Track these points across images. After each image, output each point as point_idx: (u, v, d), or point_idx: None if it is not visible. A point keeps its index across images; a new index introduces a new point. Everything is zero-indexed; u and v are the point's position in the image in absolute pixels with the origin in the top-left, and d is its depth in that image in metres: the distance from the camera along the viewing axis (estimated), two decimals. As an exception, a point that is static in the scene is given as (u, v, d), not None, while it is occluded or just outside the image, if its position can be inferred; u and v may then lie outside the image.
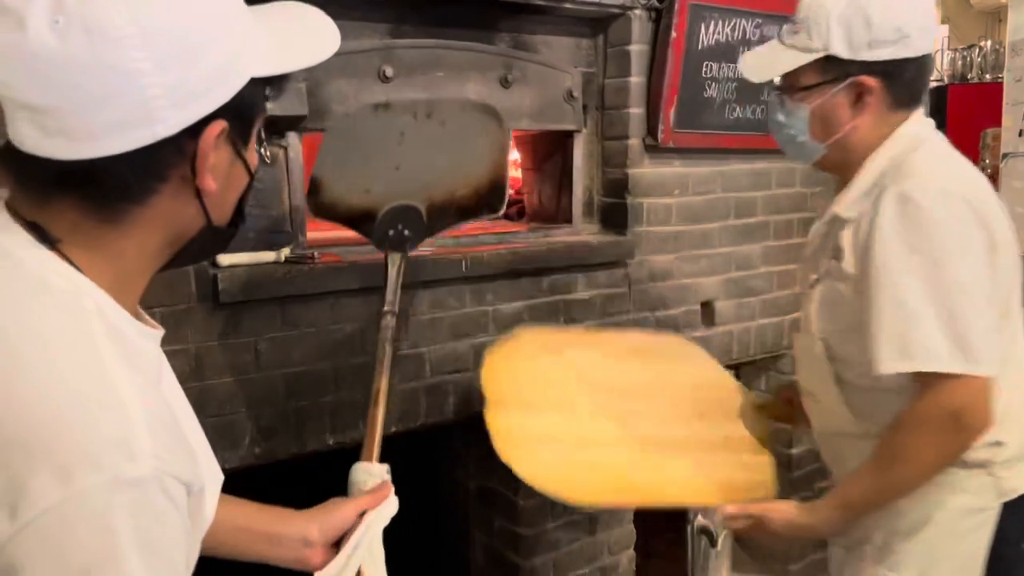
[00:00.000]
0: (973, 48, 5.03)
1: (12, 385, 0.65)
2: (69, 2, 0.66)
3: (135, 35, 0.67)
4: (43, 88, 0.67)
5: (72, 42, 0.66)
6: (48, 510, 0.61)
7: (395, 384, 1.93)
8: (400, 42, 1.96)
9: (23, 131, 0.69)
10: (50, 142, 0.69)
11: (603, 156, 2.30)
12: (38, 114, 0.68)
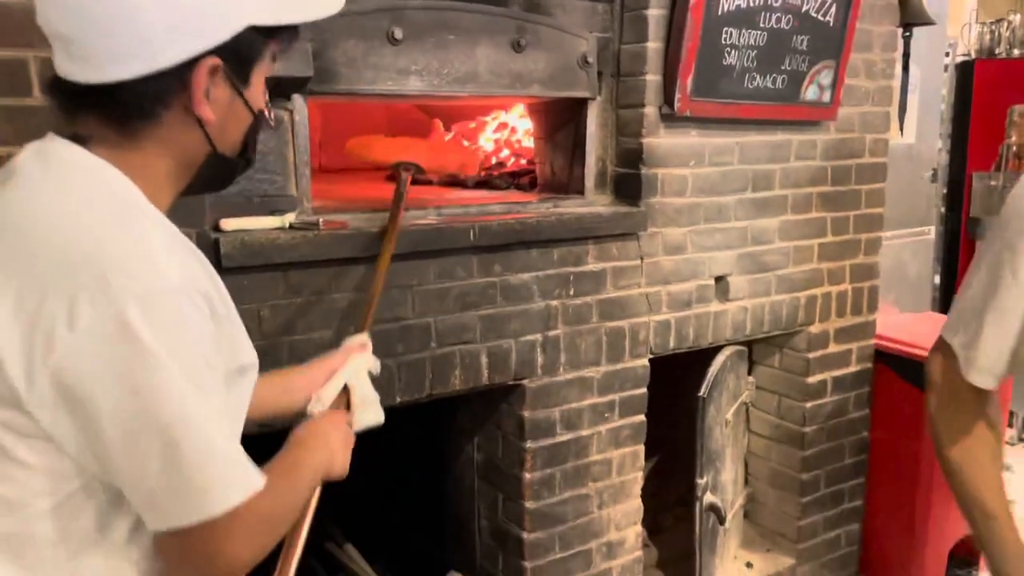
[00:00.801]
0: (1002, 22, 4.88)
1: (62, 223, 0.81)
2: None
3: None
4: (65, 18, 0.83)
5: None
6: (94, 319, 0.76)
7: (403, 354, 1.91)
8: (410, 3, 1.90)
9: (58, 58, 0.86)
10: (73, 66, 0.85)
11: (617, 125, 2.24)
12: (65, 42, 0.84)
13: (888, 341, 2.86)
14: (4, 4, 1.39)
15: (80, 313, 0.76)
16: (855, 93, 2.55)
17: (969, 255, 4.84)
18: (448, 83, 1.96)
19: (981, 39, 4.90)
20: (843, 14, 2.35)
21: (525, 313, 2.06)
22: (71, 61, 0.85)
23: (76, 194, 0.85)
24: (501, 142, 2.77)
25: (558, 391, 2.15)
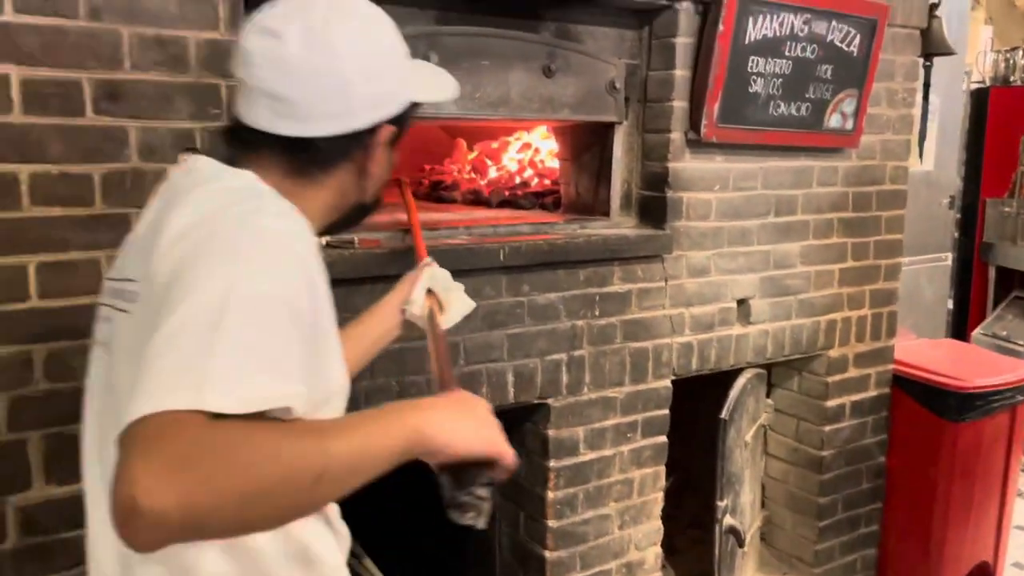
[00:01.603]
0: (1017, 50, 4.92)
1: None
2: (315, 25, 0.95)
3: (355, 56, 0.98)
4: (285, 81, 0.95)
5: (314, 53, 0.95)
6: None
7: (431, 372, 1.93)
8: (446, 28, 1.94)
9: (260, 112, 0.97)
10: (278, 120, 0.97)
11: (643, 149, 2.28)
12: (276, 102, 0.96)
13: (906, 367, 2.88)
14: (59, 27, 1.44)
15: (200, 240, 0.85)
16: (877, 121, 2.58)
17: (982, 280, 4.87)
18: (481, 106, 2.00)
19: (996, 67, 4.95)
20: (867, 44, 2.39)
21: (551, 332, 2.09)
22: (276, 116, 0.97)
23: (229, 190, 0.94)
24: (525, 162, 2.81)
25: (582, 410, 2.18)
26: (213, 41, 1.57)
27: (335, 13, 0.98)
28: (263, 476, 0.69)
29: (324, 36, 0.95)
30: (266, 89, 0.96)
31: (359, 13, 1.02)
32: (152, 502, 0.63)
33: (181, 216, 0.86)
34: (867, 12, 2.37)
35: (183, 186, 0.94)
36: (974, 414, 2.82)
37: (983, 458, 2.89)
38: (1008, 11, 5.84)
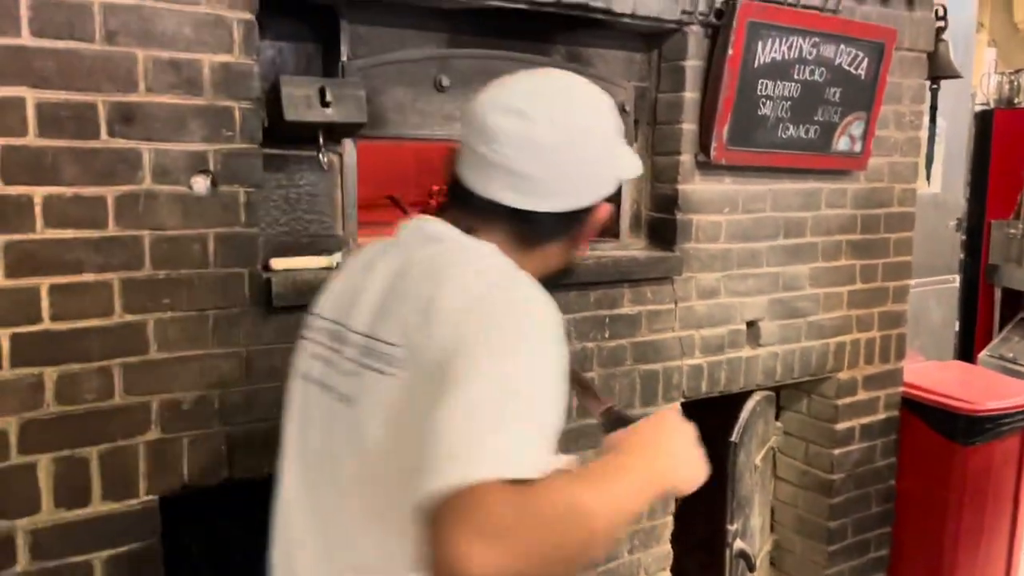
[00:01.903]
0: (1021, 73, 4.95)
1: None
2: (560, 109, 1.02)
3: (593, 138, 1.04)
4: (533, 162, 1.00)
5: (560, 136, 1.01)
6: None
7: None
8: (456, 52, 1.95)
9: (499, 186, 1.02)
10: (518, 196, 1.01)
11: (653, 171, 2.28)
12: (519, 178, 1.01)
13: (915, 389, 2.86)
14: (75, 50, 1.44)
15: (474, 315, 0.91)
16: (885, 144, 2.58)
17: (988, 302, 4.86)
18: (491, 129, 2.00)
19: (1000, 89, 4.97)
20: (874, 68, 2.40)
21: (562, 355, 2.08)
22: (515, 191, 1.01)
23: (471, 257, 1.00)
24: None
25: (593, 433, 2.16)
26: (227, 64, 1.58)
27: (575, 96, 1.05)
28: (565, 537, 0.75)
29: (568, 119, 1.02)
30: (510, 166, 1.00)
31: (591, 95, 1.08)
32: (478, 571, 0.69)
33: (454, 297, 0.91)
34: (875, 36, 2.38)
35: (434, 258, 0.99)
36: (984, 437, 2.80)
37: (993, 482, 2.87)
38: (1012, 34, 5.87)
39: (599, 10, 2.00)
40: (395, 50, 1.88)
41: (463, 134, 1.07)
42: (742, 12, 2.11)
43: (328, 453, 1.01)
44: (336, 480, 0.99)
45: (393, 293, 0.98)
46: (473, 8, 1.89)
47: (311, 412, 1.06)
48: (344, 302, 1.06)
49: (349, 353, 1.00)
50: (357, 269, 1.09)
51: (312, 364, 1.07)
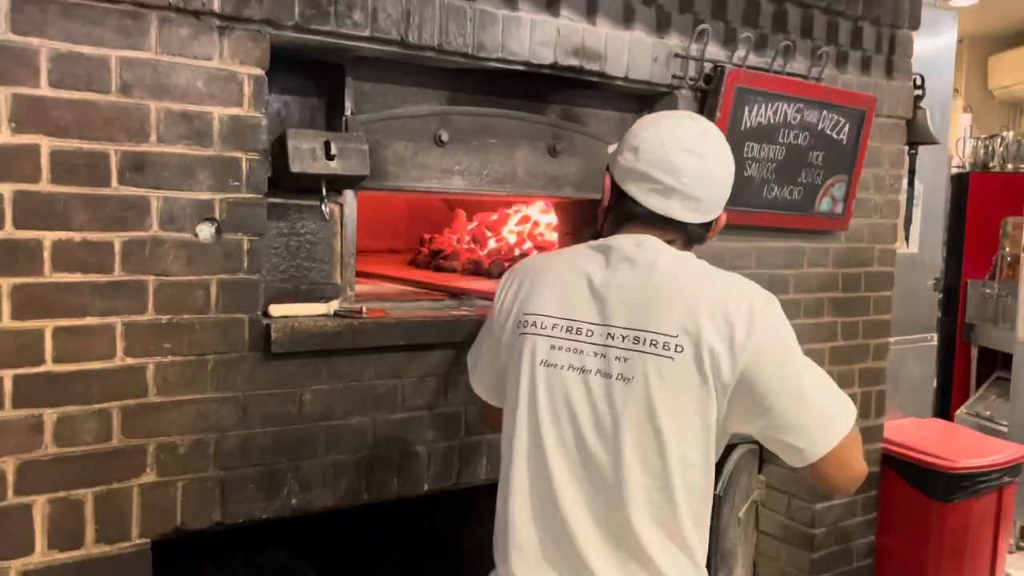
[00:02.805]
0: (995, 137, 5.12)
1: (712, 281, 1.33)
2: (719, 147, 1.39)
3: (731, 169, 1.41)
4: (704, 189, 1.35)
5: (722, 169, 1.39)
6: (763, 327, 1.26)
7: (434, 441, 1.95)
8: (456, 109, 2.02)
9: (677, 207, 1.35)
10: (689, 214, 1.36)
11: (643, 227, 2.34)
12: (694, 201, 1.34)
13: (895, 446, 2.92)
14: (92, 101, 1.49)
15: (756, 318, 1.24)
16: (865, 205, 2.67)
17: (964, 360, 4.95)
18: (488, 183, 2.06)
19: (975, 153, 5.13)
20: (855, 133, 2.49)
21: (551, 406, 2.11)
22: (687, 210, 1.35)
23: (709, 269, 1.35)
24: (524, 234, 2.87)
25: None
26: (236, 117, 1.63)
27: (721, 138, 1.41)
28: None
29: (724, 157, 1.39)
30: (688, 192, 1.34)
31: (724, 137, 1.43)
32: (862, 477, 1.31)
33: (718, 302, 1.26)
34: (856, 103, 2.48)
35: (674, 266, 1.32)
36: (962, 495, 2.85)
37: (971, 539, 2.91)
38: (986, 100, 6.08)
39: (594, 73, 2.09)
40: (397, 106, 1.95)
41: (638, 168, 1.35)
42: (730, 78, 2.20)
43: (597, 419, 1.28)
44: (609, 440, 1.27)
45: (651, 294, 1.28)
46: (473, 68, 1.96)
47: (569, 390, 1.30)
48: (574, 302, 1.33)
49: (616, 343, 1.28)
50: (566, 276, 1.36)
51: (556, 355, 1.32)
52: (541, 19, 1.98)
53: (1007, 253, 4.71)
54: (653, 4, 2.16)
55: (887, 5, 2.64)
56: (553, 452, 1.30)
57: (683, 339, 1.24)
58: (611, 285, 1.31)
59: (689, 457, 1.26)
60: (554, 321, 1.33)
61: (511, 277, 1.48)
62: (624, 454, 1.25)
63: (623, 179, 1.39)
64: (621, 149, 1.42)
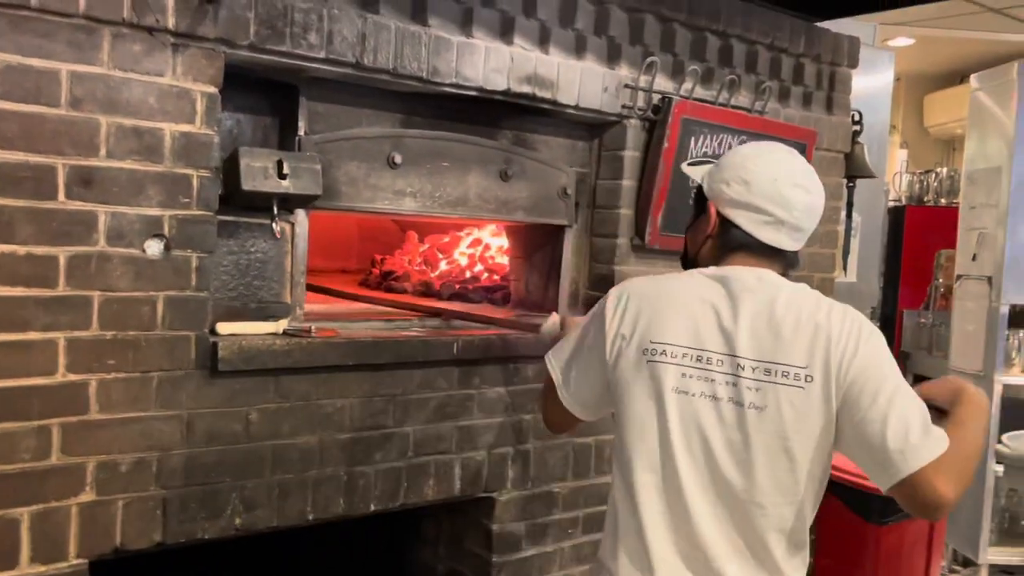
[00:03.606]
0: (930, 173, 5.33)
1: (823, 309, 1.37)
2: (819, 185, 1.46)
3: None
4: (810, 221, 1.44)
5: (822, 203, 1.46)
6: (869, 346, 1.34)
7: (381, 461, 1.95)
8: (409, 131, 2.05)
9: (786, 238, 1.43)
10: (792, 243, 1.44)
11: (591, 251, 2.39)
12: (799, 232, 1.43)
13: (834, 469, 2.97)
14: (40, 114, 1.48)
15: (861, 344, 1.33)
16: (806, 235, 2.76)
17: (901, 387, 5.10)
18: (440, 205, 2.09)
19: (911, 187, 5.33)
20: (797, 165, 2.58)
21: (499, 426, 2.13)
22: (792, 240, 1.44)
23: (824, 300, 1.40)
24: (475, 257, 2.90)
25: (525, 505, 2.21)
26: (188, 134, 1.63)
27: (816, 173, 1.48)
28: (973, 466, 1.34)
29: (822, 189, 1.47)
30: (798, 225, 1.43)
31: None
32: (949, 504, 1.29)
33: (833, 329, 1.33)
34: (797, 136, 2.57)
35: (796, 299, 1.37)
36: (896, 517, 2.93)
37: (905, 561, 2.99)
38: (921, 137, 6.33)
39: (546, 100, 2.13)
40: (351, 127, 1.96)
41: (752, 201, 1.41)
42: (677, 110, 2.27)
43: (729, 442, 1.35)
44: (742, 461, 1.34)
45: (778, 327, 1.35)
46: (427, 92, 1.99)
47: (700, 416, 1.36)
48: (703, 333, 1.38)
49: (747, 373, 1.35)
50: (692, 306, 1.40)
51: (687, 383, 1.37)
52: (495, 46, 2.02)
53: (941, 284, 4.88)
54: (604, 35, 2.22)
55: (827, 44, 2.75)
56: (686, 472, 1.37)
57: (812, 369, 1.33)
58: (738, 318, 1.37)
59: (815, 472, 1.37)
60: (684, 351, 1.39)
61: (622, 300, 1.47)
62: (756, 474, 1.34)
63: (731, 209, 1.44)
64: (727, 179, 1.45)
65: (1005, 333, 3.82)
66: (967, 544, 3.85)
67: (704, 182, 1.53)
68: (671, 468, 1.38)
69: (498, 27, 2.03)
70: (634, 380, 1.41)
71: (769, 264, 1.43)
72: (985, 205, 3.98)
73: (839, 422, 1.33)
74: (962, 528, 3.65)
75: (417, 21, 1.90)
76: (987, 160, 4.01)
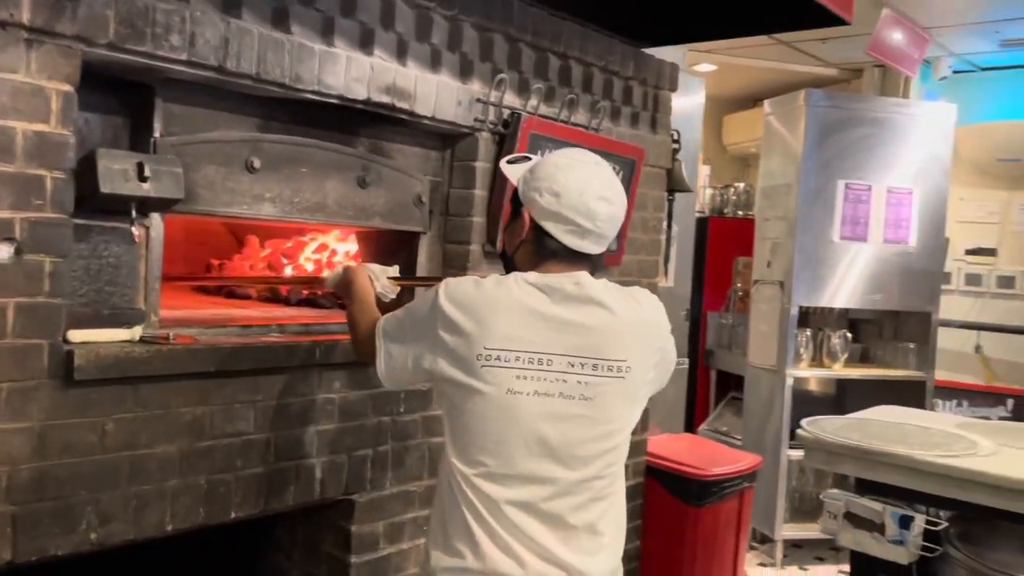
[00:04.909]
0: (729, 188, 5.87)
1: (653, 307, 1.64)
2: (623, 195, 1.62)
3: None
4: (613, 230, 1.59)
5: (624, 209, 1.62)
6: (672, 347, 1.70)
7: (242, 468, 1.93)
8: (268, 136, 2.05)
9: (592, 245, 1.57)
10: (598, 248, 1.58)
11: (445, 257, 2.49)
12: (604, 239, 1.58)
13: (655, 458, 3.26)
14: None
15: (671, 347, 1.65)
16: (634, 244, 3.01)
17: (706, 381, 5.59)
18: (299, 211, 2.10)
19: (713, 200, 5.84)
20: (628, 179, 2.81)
21: (359, 429, 2.17)
22: (597, 245, 1.57)
23: (622, 290, 1.60)
24: (323, 263, 2.90)
25: (384, 505, 2.26)
26: (42, 133, 1.56)
27: (618, 181, 1.63)
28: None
29: (624, 198, 1.61)
30: (603, 233, 1.57)
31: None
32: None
33: (642, 323, 1.58)
34: (629, 153, 2.80)
35: (606, 295, 1.54)
36: (711, 499, 3.25)
37: (719, 539, 3.32)
38: (721, 154, 6.95)
39: (403, 111, 2.20)
40: (208, 130, 1.94)
41: (561, 212, 1.53)
42: (526, 125, 2.41)
43: (563, 432, 1.49)
44: (577, 446, 1.50)
45: (599, 326, 1.51)
46: (287, 98, 2.00)
47: (535, 411, 1.48)
48: (535, 337, 1.49)
49: (579, 370, 1.49)
50: (519, 314, 1.49)
51: (522, 383, 1.48)
52: (356, 56, 2.06)
53: (739, 288, 5.40)
54: (458, 51, 2.32)
55: (652, 69, 3.01)
56: (526, 465, 1.49)
57: (630, 360, 1.53)
58: (563, 321, 1.50)
59: (626, 449, 1.59)
60: (516, 354, 1.48)
61: (452, 307, 1.52)
62: (589, 459, 1.51)
63: (543, 218, 1.55)
64: (540, 189, 1.55)
65: (795, 332, 4.31)
66: (764, 522, 4.31)
67: (520, 187, 1.63)
68: (512, 462, 1.48)
69: (358, 38, 2.08)
70: (468, 383, 1.49)
71: (580, 267, 1.56)
72: (777, 218, 4.47)
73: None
74: (760, 508, 4.07)
75: (280, 28, 1.91)
76: (778, 177, 4.51)
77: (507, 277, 1.56)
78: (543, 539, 1.48)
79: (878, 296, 4.40)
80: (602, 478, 1.53)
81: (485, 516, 1.48)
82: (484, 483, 1.49)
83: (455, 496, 1.51)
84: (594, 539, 1.53)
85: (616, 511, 1.60)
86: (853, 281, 4.35)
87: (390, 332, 1.64)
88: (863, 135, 4.32)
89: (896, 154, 4.37)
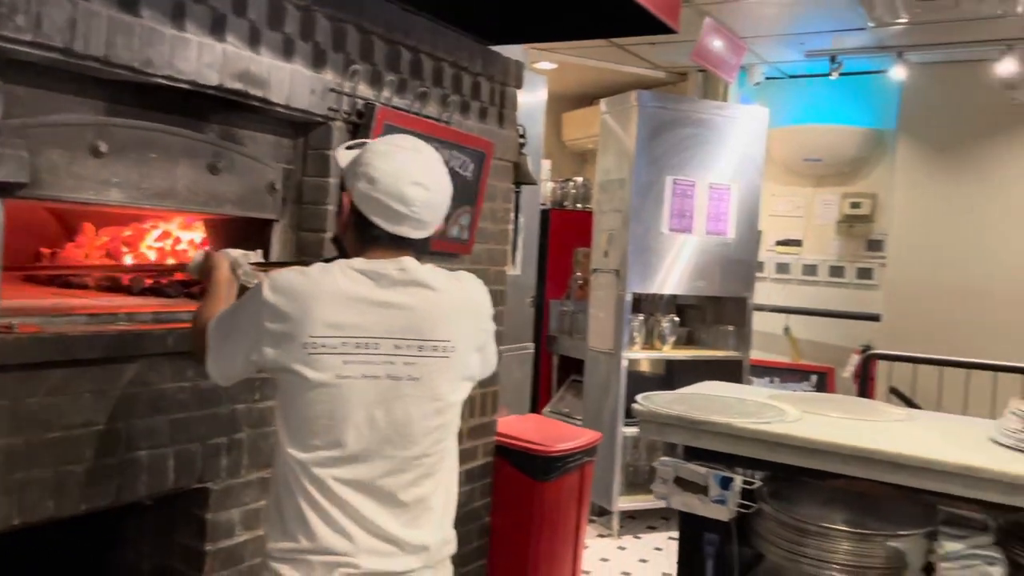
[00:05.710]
0: (569, 181, 6.14)
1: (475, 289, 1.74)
2: (441, 179, 1.67)
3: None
4: (430, 214, 1.64)
5: (443, 197, 1.68)
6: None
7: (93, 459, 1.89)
8: (115, 120, 2.00)
9: (413, 229, 1.61)
10: (423, 233, 1.64)
11: (298, 245, 2.51)
12: (423, 224, 1.63)
13: (504, 437, 3.42)
14: None
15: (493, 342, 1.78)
16: (484, 233, 3.14)
17: (548, 365, 5.85)
18: (148, 197, 2.07)
19: (554, 193, 6.09)
20: (477, 171, 2.94)
21: (213, 417, 2.17)
22: (421, 230, 1.62)
23: (449, 275, 1.69)
24: (167, 251, 2.83)
25: (240, 493, 2.26)
26: None
27: (441, 165, 1.67)
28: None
29: (444, 183, 1.66)
30: (420, 218, 1.60)
31: (442, 162, 1.70)
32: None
33: (467, 303, 1.69)
34: (478, 146, 2.92)
35: (431, 278, 1.62)
36: (555, 474, 3.45)
37: (562, 513, 3.53)
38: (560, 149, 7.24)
39: (256, 98, 2.21)
40: (53, 113, 1.87)
41: (376, 196, 1.57)
42: (380, 115, 2.47)
43: (390, 412, 1.55)
44: (407, 425, 1.56)
45: (424, 308, 1.58)
46: (136, 82, 1.97)
47: (365, 394, 1.54)
48: (360, 322, 1.53)
49: (405, 351, 1.56)
50: (344, 302, 1.54)
51: (350, 368, 1.53)
52: (207, 42, 2.05)
53: (579, 277, 5.68)
54: (311, 41, 2.35)
55: (499, 65, 3.14)
56: (358, 440, 1.54)
57: (454, 340, 1.61)
58: (389, 304, 1.56)
59: (456, 426, 1.69)
60: (343, 340, 1.53)
61: (276, 297, 1.54)
62: (417, 436, 1.58)
63: (361, 203, 1.60)
64: (358, 175, 1.60)
65: (629, 317, 4.61)
66: (603, 496, 4.59)
67: (345, 172, 1.67)
68: (344, 445, 1.53)
69: (209, 23, 2.07)
70: (297, 371, 1.52)
71: (404, 252, 1.61)
72: (613, 210, 4.76)
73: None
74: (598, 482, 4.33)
75: (129, 12, 1.88)
76: (613, 172, 4.80)
77: (332, 264, 1.59)
78: (375, 516, 1.54)
79: (702, 283, 4.78)
80: (431, 455, 1.60)
81: (318, 499, 1.52)
82: (317, 468, 1.53)
83: (290, 485, 1.55)
84: (426, 514, 1.60)
85: (446, 486, 1.67)
86: (680, 269, 4.71)
87: (221, 328, 1.66)
88: (688, 134, 4.67)
89: (717, 153, 4.76)
